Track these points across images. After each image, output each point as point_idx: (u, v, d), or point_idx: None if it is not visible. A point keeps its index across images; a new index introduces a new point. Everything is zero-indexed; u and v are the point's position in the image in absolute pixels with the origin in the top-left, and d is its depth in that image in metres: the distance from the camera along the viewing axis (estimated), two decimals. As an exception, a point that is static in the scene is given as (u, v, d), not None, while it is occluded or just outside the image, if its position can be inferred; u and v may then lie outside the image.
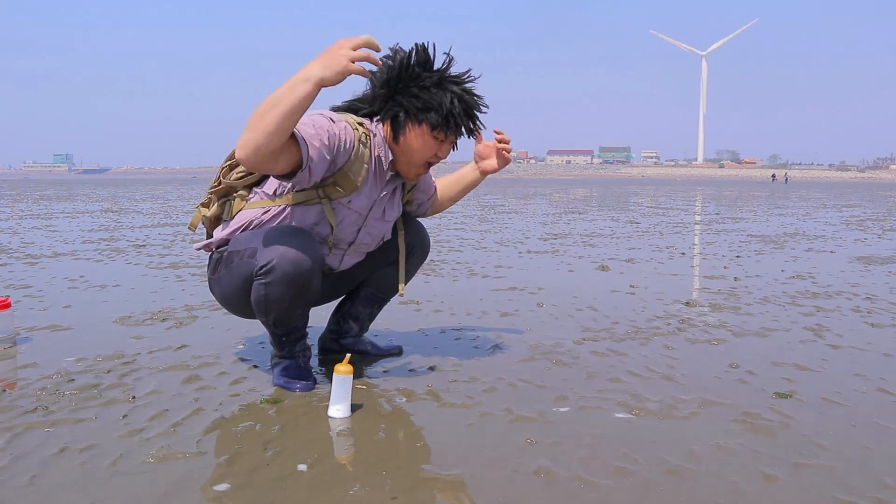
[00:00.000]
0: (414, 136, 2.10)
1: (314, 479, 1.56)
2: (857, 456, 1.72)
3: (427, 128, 2.08)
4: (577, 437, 1.82)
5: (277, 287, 1.98)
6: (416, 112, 2.06)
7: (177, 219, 9.78)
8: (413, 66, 2.05)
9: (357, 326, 2.51)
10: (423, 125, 2.08)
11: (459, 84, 2.09)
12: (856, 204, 17.58)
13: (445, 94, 2.05)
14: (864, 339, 2.92)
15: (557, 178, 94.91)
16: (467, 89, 2.11)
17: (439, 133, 2.09)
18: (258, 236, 2.03)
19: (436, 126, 2.07)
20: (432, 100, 2.04)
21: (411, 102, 2.06)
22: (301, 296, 2.03)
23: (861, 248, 6.71)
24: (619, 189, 31.25)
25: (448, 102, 2.05)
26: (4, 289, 3.91)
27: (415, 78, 2.05)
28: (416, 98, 2.05)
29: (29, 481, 1.53)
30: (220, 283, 2.19)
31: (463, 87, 2.09)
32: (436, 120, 2.05)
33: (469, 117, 2.12)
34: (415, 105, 2.05)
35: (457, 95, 2.07)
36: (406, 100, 2.06)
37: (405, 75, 2.05)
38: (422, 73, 2.05)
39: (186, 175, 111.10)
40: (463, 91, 2.09)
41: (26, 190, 23.33)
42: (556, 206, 14.47)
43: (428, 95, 2.05)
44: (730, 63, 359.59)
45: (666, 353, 2.66)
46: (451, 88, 2.06)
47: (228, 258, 2.12)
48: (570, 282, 4.44)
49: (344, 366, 1.90)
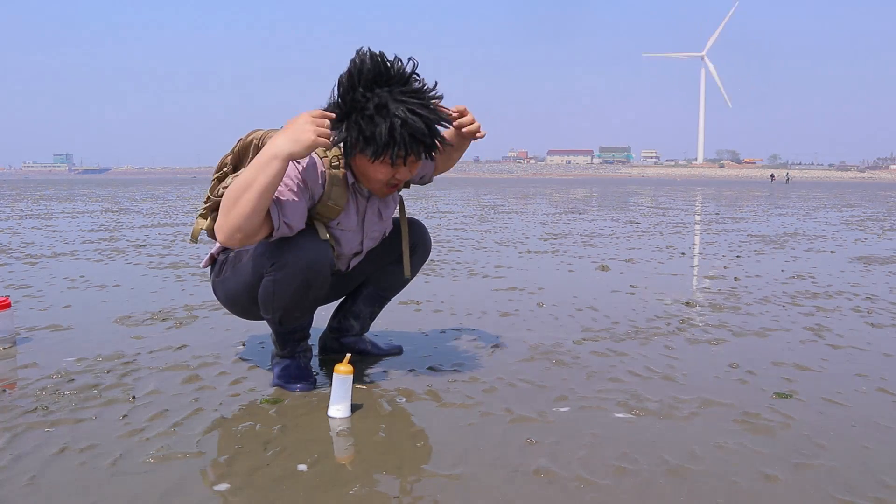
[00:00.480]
0: (362, 164, 2.01)
1: (314, 479, 1.56)
2: (857, 456, 1.72)
3: (368, 158, 1.96)
4: (577, 437, 1.82)
5: (287, 283, 1.99)
6: (354, 143, 1.95)
7: (177, 219, 9.78)
8: (358, 89, 1.90)
9: (358, 325, 2.51)
10: (365, 155, 1.96)
11: (411, 103, 1.91)
12: (856, 204, 17.58)
13: (385, 122, 1.88)
14: (864, 339, 2.92)
15: (557, 178, 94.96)
16: (418, 109, 1.91)
17: (385, 160, 1.96)
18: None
19: (375, 158, 1.94)
20: (367, 129, 1.90)
21: (352, 131, 1.93)
22: (309, 293, 2.04)
23: (861, 248, 6.71)
24: (619, 189, 31.25)
25: (386, 132, 1.89)
26: (4, 289, 3.91)
27: (355, 103, 1.91)
28: (357, 127, 1.92)
29: (29, 481, 1.53)
30: (225, 284, 2.20)
31: (411, 107, 1.90)
32: (374, 152, 1.93)
33: (417, 140, 1.93)
34: (353, 135, 1.93)
35: (400, 119, 1.88)
36: (349, 127, 1.94)
37: (348, 99, 1.92)
38: (368, 93, 1.90)
39: (186, 175, 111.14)
40: (410, 111, 1.90)
41: (26, 190, 23.34)
42: (556, 206, 14.47)
43: (367, 125, 1.90)
44: (730, 62, 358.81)
45: (666, 353, 2.66)
46: (395, 112, 1.88)
47: (236, 258, 2.14)
48: (570, 282, 4.43)
49: (344, 366, 1.91)
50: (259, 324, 2.99)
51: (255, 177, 1.80)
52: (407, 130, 1.90)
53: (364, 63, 1.90)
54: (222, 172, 2.20)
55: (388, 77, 1.91)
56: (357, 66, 1.91)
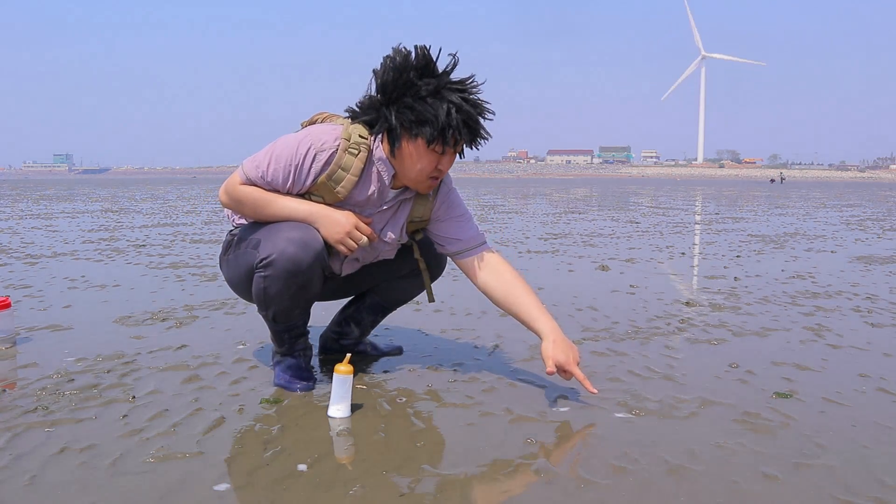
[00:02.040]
0: (410, 150, 1.98)
1: (314, 479, 1.56)
2: (857, 456, 1.72)
3: (423, 142, 1.95)
4: (577, 437, 1.82)
5: (276, 282, 1.99)
6: (409, 125, 1.94)
7: (177, 219, 9.78)
8: (409, 73, 1.92)
9: (358, 331, 2.50)
10: (418, 139, 1.95)
11: (460, 91, 1.95)
12: (856, 204, 17.58)
13: (442, 105, 1.91)
14: (864, 338, 2.92)
15: (557, 177, 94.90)
16: (468, 97, 1.96)
17: (437, 146, 1.96)
18: (264, 227, 2.05)
19: (432, 140, 1.93)
20: (427, 112, 1.91)
21: (405, 115, 1.93)
22: (300, 293, 2.03)
23: (861, 247, 6.71)
24: (619, 189, 31.25)
25: (444, 115, 1.91)
26: (4, 289, 3.91)
27: (410, 86, 1.92)
28: (411, 110, 1.92)
29: (29, 481, 1.53)
30: (228, 266, 2.21)
31: (463, 96, 1.95)
32: (431, 134, 1.92)
33: (469, 128, 1.97)
34: (408, 118, 1.93)
35: (455, 105, 1.92)
36: (400, 111, 1.94)
37: (400, 82, 1.93)
38: (418, 80, 1.92)
39: (186, 175, 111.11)
40: (463, 100, 1.94)
41: (26, 190, 23.33)
42: (556, 206, 14.47)
43: (423, 107, 1.91)
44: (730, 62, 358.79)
45: (666, 353, 2.66)
46: (449, 98, 1.92)
47: (237, 243, 2.15)
48: (570, 282, 4.44)
49: (344, 366, 1.90)
50: (258, 323, 2.99)
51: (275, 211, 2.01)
52: (462, 116, 1.94)
53: (410, 53, 1.94)
54: None
55: (433, 66, 1.95)
56: (403, 55, 1.94)
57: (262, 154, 2.01)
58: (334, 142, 1.99)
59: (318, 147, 1.97)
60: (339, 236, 1.98)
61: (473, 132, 1.98)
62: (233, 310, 3.33)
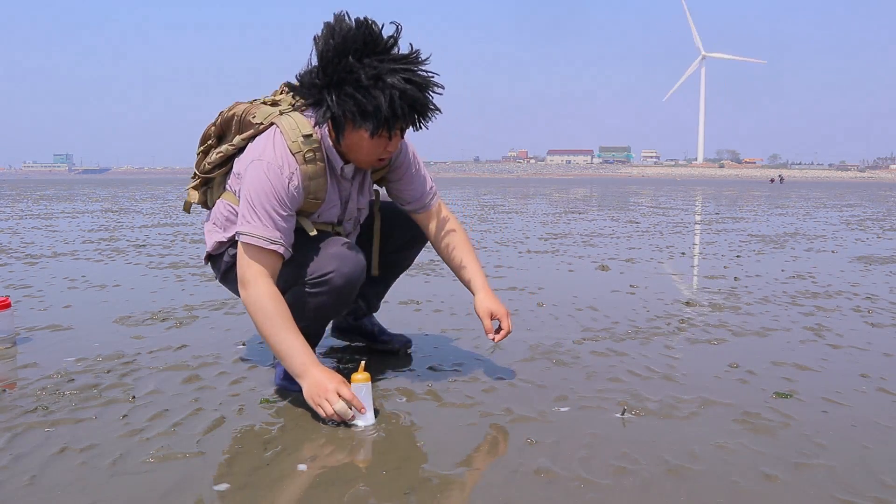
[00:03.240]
0: (355, 139, 1.92)
1: (314, 479, 1.56)
2: (857, 456, 1.72)
3: (366, 133, 1.88)
4: (577, 437, 1.82)
5: (327, 298, 1.98)
6: (352, 116, 1.85)
7: (177, 219, 9.78)
8: (348, 56, 1.78)
9: (365, 304, 2.53)
10: (361, 129, 1.88)
11: (404, 71, 1.81)
12: (856, 204, 17.58)
13: (384, 93, 1.79)
14: (864, 338, 2.92)
15: (557, 177, 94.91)
16: (413, 78, 1.82)
17: (382, 134, 1.89)
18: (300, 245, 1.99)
19: (374, 132, 1.86)
20: (368, 104, 1.80)
21: (346, 104, 1.83)
22: (342, 306, 2.06)
23: (861, 247, 6.71)
24: (619, 189, 31.25)
25: (386, 105, 1.80)
26: (4, 289, 3.91)
27: (350, 71, 1.79)
28: (352, 99, 1.81)
29: (29, 481, 1.53)
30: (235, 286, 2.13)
31: (407, 76, 1.81)
32: (374, 127, 1.85)
33: (416, 110, 1.86)
34: (350, 108, 1.83)
35: (399, 90, 1.80)
36: (342, 99, 1.83)
37: (340, 66, 1.80)
38: (358, 63, 1.79)
39: (186, 175, 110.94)
40: (406, 81, 1.81)
41: (26, 190, 23.34)
42: (556, 206, 14.47)
43: (364, 97, 1.80)
44: (730, 62, 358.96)
45: (666, 353, 2.66)
46: (390, 82, 1.79)
47: None
48: (570, 282, 4.44)
49: (360, 374, 1.88)
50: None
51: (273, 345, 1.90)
52: (406, 102, 1.82)
53: (350, 30, 1.80)
54: (207, 145, 2.19)
55: (375, 44, 1.81)
56: (342, 34, 1.80)
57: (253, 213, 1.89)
58: (291, 164, 1.92)
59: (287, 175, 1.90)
60: (317, 399, 1.83)
61: (421, 113, 1.89)
62: (233, 310, 3.33)
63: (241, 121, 2.07)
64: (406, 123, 1.90)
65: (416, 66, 1.85)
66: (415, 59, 1.85)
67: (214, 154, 2.12)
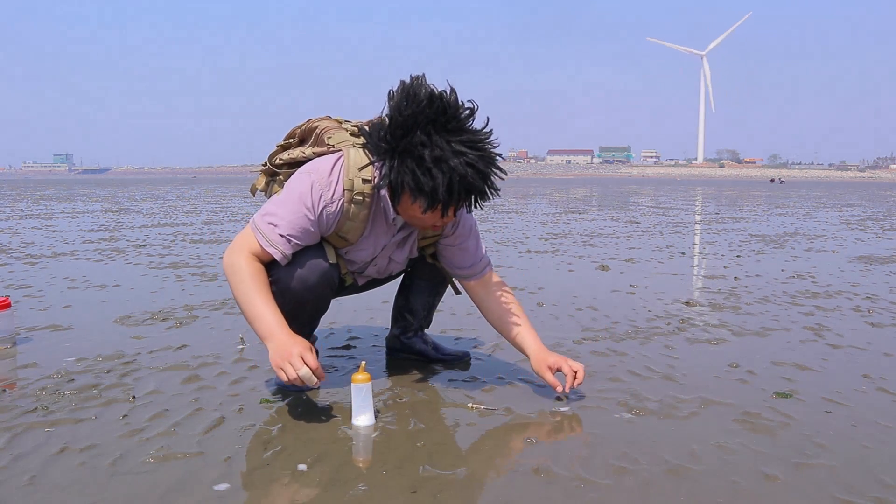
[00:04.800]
0: (409, 208, 1.92)
1: (314, 479, 1.56)
2: (857, 456, 1.72)
3: (419, 207, 1.87)
4: (577, 437, 1.82)
5: (283, 298, 1.97)
6: (409, 188, 1.84)
7: (177, 219, 9.78)
8: (417, 129, 1.77)
9: (415, 321, 2.48)
10: (415, 203, 1.87)
11: (470, 150, 1.79)
12: (856, 203, 17.58)
13: (444, 177, 1.77)
14: (864, 338, 2.92)
15: (557, 177, 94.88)
16: (476, 163, 1.80)
17: (436, 210, 1.88)
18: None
19: (427, 210, 1.86)
20: (426, 182, 1.78)
21: (404, 177, 1.81)
22: (305, 309, 2.05)
23: (861, 247, 6.71)
24: (619, 189, 31.25)
25: (444, 187, 1.78)
26: (4, 289, 3.91)
27: (416, 146, 1.78)
28: (411, 174, 1.79)
29: (29, 481, 1.53)
30: None
31: (471, 159, 1.79)
32: (428, 205, 1.84)
33: (473, 195, 1.86)
34: (407, 182, 1.81)
35: (459, 175, 1.78)
36: (401, 170, 1.81)
37: (408, 138, 1.78)
38: (425, 139, 1.77)
39: (186, 175, 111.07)
40: (469, 165, 1.79)
41: (26, 190, 23.34)
42: (556, 206, 14.47)
43: (423, 174, 1.78)
44: (730, 62, 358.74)
45: (666, 352, 2.66)
46: (452, 165, 1.77)
47: None
48: (570, 281, 4.44)
49: (361, 374, 1.88)
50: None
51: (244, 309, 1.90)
52: (464, 186, 1.81)
53: (423, 104, 1.77)
54: (287, 142, 2.28)
55: (447, 121, 1.79)
56: (415, 106, 1.77)
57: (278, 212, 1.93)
58: (337, 194, 1.96)
59: (326, 199, 1.94)
60: (279, 361, 1.79)
61: (479, 197, 1.88)
62: (233, 310, 3.33)
63: (318, 136, 2.15)
64: (461, 205, 1.90)
65: (482, 148, 1.82)
66: (483, 139, 1.83)
67: (288, 154, 2.17)
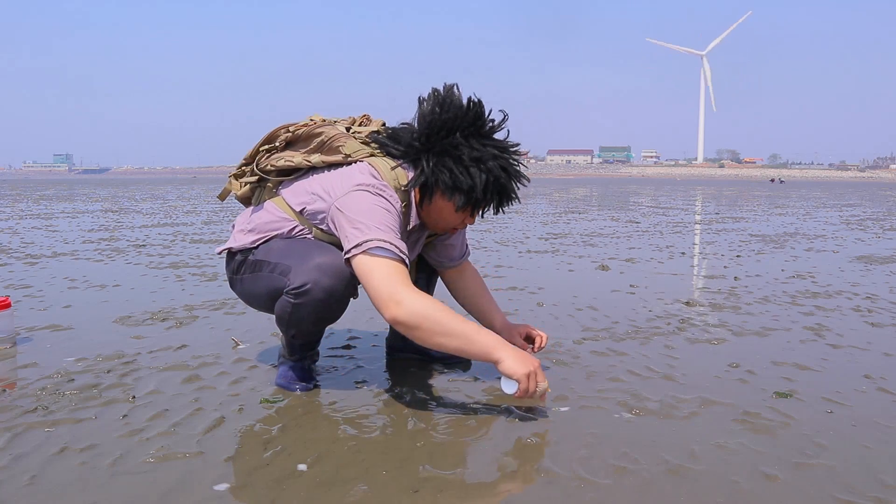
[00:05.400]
0: (441, 207, 1.99)
1: (314, 479, 1.56)
2: (858, 456, 1.72)
3: (453, 205, 1.96)
4: (577, 437, 1.82)
5: (307, 309, 1.93)
6: (444, 187, 1.93)
7: (177, 219, 9.78)
8: (456, 133, 1.89)
9: None
10: (450, 201, 1.96)
11: (502, 158, 1.93)
12: (856, 203, 17.58)
13: (481, 176, 1.90)
14: (865, 338, 2.92)
15: (557, 177, 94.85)
16: (508, 167, 1.94)
17: (467, 209, 1.98)
18: (292, 252, 1.96)
19: (462, 208, 1.96)
20: (464, 181, 1.90)
21: (442, 175, 1.91)
22: (328, 320, 2.02)
23: (861, 247, 6.71)
24: (619, 188, 31.25)
25: (481, 186, 1.90)
26: (4, 289, 3.91)
27: (454, 146, 1.89)
28: (449, 172, 1.90)
29: (29, 481, 1.53)
30: (242, 284, 2.13)
31: (503, 164, 1.93)
32: (464, 202, 1.94)
33: (502, 197, 1.98)
34: (444, 180, 1.91)
35: (494, 176, 1.91)
36: (438, 168, 1.91)
37: (446, 141, 1.90)
38: (462, 141, 1.89)
39: (186, 175, 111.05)
40: (502, 169, 1.92)
41: (26, 190, 23.33)
42: (556, 206, 14.46)
43: (462, 171, 1.89)
44: (730, 62, 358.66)
45: (666, 352, 2.66)
46: (489, 167, 1.90)
47: (256, 265, 2.05)
48: (570, 281, 4.44)
49: None
50: (259, 323, 2.99)
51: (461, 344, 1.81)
52: (497, 188, 1.94)
53: (461, 108, 1.89)
54: (273, 146, 2.15)
55: (483, 126, 1.92)
56: (454, 109, 1.88)
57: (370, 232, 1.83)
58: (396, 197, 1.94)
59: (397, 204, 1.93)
60: (531, 367, 1.83)
61: (506, 200, 2.00)
62: (233, 310, 3.33)
63: (325, 144, 2.06)
64: (489, 205, 1.99)
65: (512, 156, 1.96)
66: (512, 149, 1.96)
67: (283, 160, 2.09)
